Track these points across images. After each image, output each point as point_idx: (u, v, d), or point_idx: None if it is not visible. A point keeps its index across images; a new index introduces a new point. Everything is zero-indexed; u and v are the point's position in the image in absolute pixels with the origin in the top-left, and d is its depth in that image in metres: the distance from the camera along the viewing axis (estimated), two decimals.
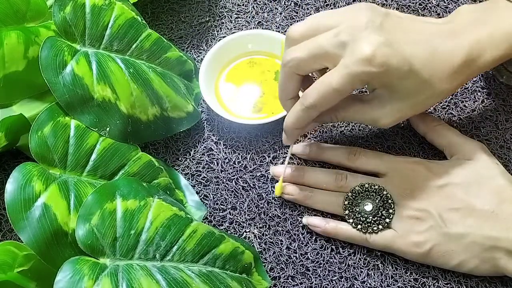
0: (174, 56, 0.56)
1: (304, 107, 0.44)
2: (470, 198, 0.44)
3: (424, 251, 0.45)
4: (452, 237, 0.44)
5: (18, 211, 0.40)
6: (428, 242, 0.45)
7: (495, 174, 0.45)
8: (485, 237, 0.43)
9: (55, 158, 0.45)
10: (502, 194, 0.44)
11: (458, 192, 0.45)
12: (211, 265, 0.44)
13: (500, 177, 0.45)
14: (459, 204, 0.44)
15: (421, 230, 0.45)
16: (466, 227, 0.44)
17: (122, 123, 0.49)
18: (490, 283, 0.46)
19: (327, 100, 0.42)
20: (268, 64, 0.57)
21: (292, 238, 0.50)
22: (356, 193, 0.47)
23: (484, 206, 0.44)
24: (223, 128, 0.55)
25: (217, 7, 0.64)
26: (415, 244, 0.45)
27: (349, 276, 0.48)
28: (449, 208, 0.44)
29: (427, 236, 0.45)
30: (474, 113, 0.54)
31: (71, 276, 0.38)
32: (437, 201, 0.45)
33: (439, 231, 0.44)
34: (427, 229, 0.45)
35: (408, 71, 0.41)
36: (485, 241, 0.43)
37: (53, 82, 0.46)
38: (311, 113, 0.44)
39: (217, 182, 0.53)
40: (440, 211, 0.45)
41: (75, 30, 0.49)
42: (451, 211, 0.44)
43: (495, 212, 0.43)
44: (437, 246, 0.44)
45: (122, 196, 0.43)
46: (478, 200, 0.44)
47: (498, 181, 0.45)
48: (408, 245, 0.45)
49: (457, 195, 0.45)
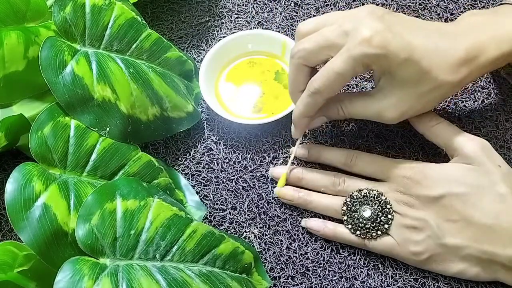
0: (174, 56, 0.56)
1: (310, 93, 0.45)
2: (468, 209, 0.43)
3: (422, 260, 0.45)
4: (449, 248, 0.44)
5: (18, 211, 0.40)
6: (426, 252, 0.44)
7: (496, 181, 0.43)
8: (482, 251, 0.43)
9: (55, 158, 0.45)
10: (501, 205, 0.43)
11: (455, 203, 0.44)
12: (211, 265, 0.44)
13: (500, 184, 0.43)
14: (457, 216, 0.43)
15: (419, 239, 0.45)
16: (464, 240, 0.43)
17: (122, 123, 0.49)
18: (490, 283, 0.46)
19: (331, 84, 0.44)
20: (268, 64, 0.57)
21: (292, 238, 0.50)
22: (355, 199, 0.47)
23: (481, 219, 0.43)
24: (223, 128, 0.55)
25: (217, 7, 0.64)
26: (413, 253, 0.45)
27: (349, 276, 0.48)
28: (447, 219, 0.44)
29: (425, 246, 0.44)
30: (474, 113, 0.54)
31: (71, 276, 0.38)
32: (435, 212, 0.44)
33: (436, 242, 0.44)
34: (424, 239, 0.44)
35: (407, 58, 0.42)
36: (481, 255, 0.43)
37: (53, 82, 0.46)
38: (317, 99, 0.45)
39: (217, 182, 0.53)
40: (437, 221, 0.44)
41: (75, 30, 0.49)
42: (448, 222, 0.44)
43: (493, 227, 0.42)
44: (435, 256, 0.44)
45: (122, 196, 0.43)
46: (477, 212, 0.43)
47: (498, 189, 0.43)
48: (407, 253, 0.45)
49: (455, 206, 0.43)
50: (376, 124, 0.54)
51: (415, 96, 0.44)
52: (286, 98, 0.55)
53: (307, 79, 0.46)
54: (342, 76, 0.43)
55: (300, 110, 0.47)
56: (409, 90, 0.44)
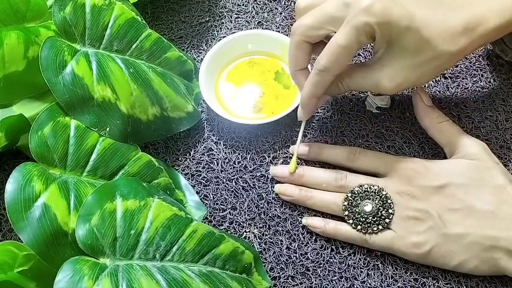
0: (174, 56, 0.56)
1: (317, 71, 0.44)
2: (469, 198, 0.44)
3: (423, 252, 0.45)
4: (451, 238, 0.44)
5: (18, 211, 0.40)
6: (427, 243, 0.45)
7: (495, 174, 0.45)
8: (484, 237, 0.43)
9: (55, 158, 0.45)
10: (502, 195, 0.44)
11: (457, 192, 0.45)
12: (211, 265, 0.44)
13: (500, 177, 0.45)
14: (459, 204, 0.44)
15: (420, 230, 0.45)
16: (466, 227, 0.44)
17: (122, 123, 0.49)
18: (490, 283, 0.46)
19: (337, 59, 0.43)
20: (268, 64, 0.57)
21: (292, 238, 0.50)
22: (356, 194, 0.47)
23: (483, 207, 0.44)
24: (223, 128, 0.55)
25: (217, 7, 0.64)
26: (415, 244, 0.45)
27: (349, 276, 0.48)
28: (449, 209, 0.44)
29: (427, 237, 0.45)
30: (474, 113, 0.54)
31: (71, 276, 0.38)
32: (437, 202, 0.45)
33: (438, 232, 0.44)
34: (426, 229, 0.45)
35: (408, 26, 0.41)
36: (484, 241, 0.43)
37: (53, 82, 0.46)
38: (325, 77, 0.45)
39: (217, 182, 0.53)
40: (439, 211, 0.45)
41: (75, 30, 0.49)
42: (450, 211, 0.44)
43: (495, 212, 0.43)
44: (437, 246, 0.44)
45: (122, 196, 0.43)
46: (478, 201, 0.44)
47: (498, 181, 0.45)
48: (408, 246, 0.45)
49: (457, 195, 0.45)
50: (376, 124, 0.54)
51: (413, 66, 0.44)
52: (286, 98, 0.55)
53: (308, 57, 0.47)
54: (347, 49, 0.42)
55: (309, 90, 0.46)
56: (408, 59, 0.44)
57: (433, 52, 0.43)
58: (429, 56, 0.43)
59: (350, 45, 0.42)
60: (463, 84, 0.56)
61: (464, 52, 0.44)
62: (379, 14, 0.41)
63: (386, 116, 0.55)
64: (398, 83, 0.45)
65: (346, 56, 0.43)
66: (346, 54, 0.43)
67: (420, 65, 0.44)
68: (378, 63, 0.45)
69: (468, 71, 0.57)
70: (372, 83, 0.46)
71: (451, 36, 0.42)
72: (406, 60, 0.44)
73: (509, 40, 0.52)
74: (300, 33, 0.45)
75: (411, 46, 0.43)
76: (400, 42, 0.43)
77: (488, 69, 0.57)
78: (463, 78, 0.57)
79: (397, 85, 0.45)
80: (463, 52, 0.44)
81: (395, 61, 0.44)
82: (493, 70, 0.57)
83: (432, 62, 0.44)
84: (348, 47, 0.42)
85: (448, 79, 0.57)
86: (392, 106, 0.55)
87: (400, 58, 0.44)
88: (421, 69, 0.44)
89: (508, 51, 0.53)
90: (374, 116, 0.55)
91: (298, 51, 0.46)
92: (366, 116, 0.55)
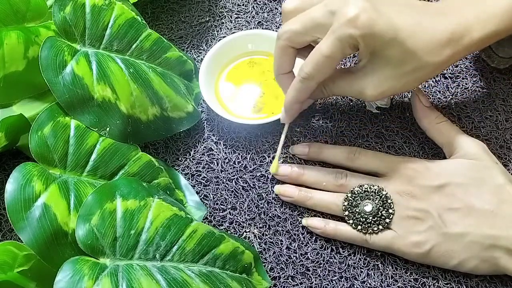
0: (174, 56, 0.56)
1: (301, 78, 0.45)
2: (469, 197, 0.44)
3: (424, 251, 0.45)
4: (451, 237, 0.44)
5: (18, 211, 0.40)
6: (428, 242, 0.45)
7: (495, 173, 0.45)
8: (484, 236, 0.43)
9: (55, 158, 0.45)
10: (501, 194, 0.44)
11: (457, 192, 0.45)
12: (211, 265, 0.44)
13: (499, 177, 0.45)
14: (459, 204, 0.44)
15: (420, 230, 0.45)
16: (466, 227, 0.44)
17: (122, 123, 0.49)
18: (490, 283, 0.46)
19: (321, 68, 0.43)
20: (268, 64, 0.57)
21: (292, 238, 0.50)
22: (356, 194, 0.47)
23: (483, 206, 0.44)
24: (223, 128, 0.55)
25: (217, 7, 0.64)
26: (415, 244, 0.45)
27: (349, 276, 0.48)
28: (449, 208, 0.45)
29: (427, 236, 0.45)
30: (474, 113, 0.54)
31: (71, 276, 0.38)
32: (437, 201, 0.45)
33: (438, 231, 0.44)
34: (426, 229, 0.45)
35: (393, 38, 0.41)
36: (484, 240, 0.43)
37: (53, 82, 0.46)
38: (308, 84, 0.45)
39: (217, 182, 0.53)
40: (439, 211, 0.45)
41: (75, 30, 0.49)
42: (450, 211, 0.44)
43: (495, 212, 0.44)
44: (437, 246, 0.45)
45: (122, 196, 0.43)
46: (478, 200, 0.44)
47: (497, 180, 0.45)
48: (408, 245, 0.45)
49: (457, 195, 0.45)
50: (376, 124, 0.54)
51: (397, 76, 0.44)
52: None
53: (293, 61, 0.47)
54: (331, 59, 0.42)
55: (292, 96, 0.47)
56: (392, 69, 0.43)
57: (417, 63, 0.43)
58: (413, 67, 0.43)
59: (334, 55, 0.42)
60: (463, 84, 0.56)
61: (448, 62, 0.44)
62: (364, 26, 0.40)
63: (386, 116, 0.55)
64: (381, 92, 0.45)
65: (329, 66, 0.43)
66: (329, 64, 0.43)
67: (404, 75, 0.44)
68: (362, 71, 0.45)
69: (468, 71, 0.57)
70: (356, 90, 0.46)
71: (436, 47, 0.42)
72: (390, 70, 0.44)
73: (496, 47, 0.53)
74: (285, 39, 0.45)
75: (395, 57, 0.43)
76: (384, 53, 0.42)
77: (488, 69, 0.57)
78: (463, 78, 0.57)
79: (380, 93, 0.45)
80: (447, 63, 0.44)
81: (379, 70, 0.44)
82: (493, 70, 0.57)
83: (416, 72, 0.44)
84: (331, 57, 0.42)
85: (448, 79, 0.57)
86: (392, 106, 0.55)
87: (383, 68, 0.44)
88: (405, 79, 0.44)
89: (494, 57, 0.54)
90: (374, 116, 0.55)
91: (283, 56, 0.46)
92: (366, 116, 0.55)
